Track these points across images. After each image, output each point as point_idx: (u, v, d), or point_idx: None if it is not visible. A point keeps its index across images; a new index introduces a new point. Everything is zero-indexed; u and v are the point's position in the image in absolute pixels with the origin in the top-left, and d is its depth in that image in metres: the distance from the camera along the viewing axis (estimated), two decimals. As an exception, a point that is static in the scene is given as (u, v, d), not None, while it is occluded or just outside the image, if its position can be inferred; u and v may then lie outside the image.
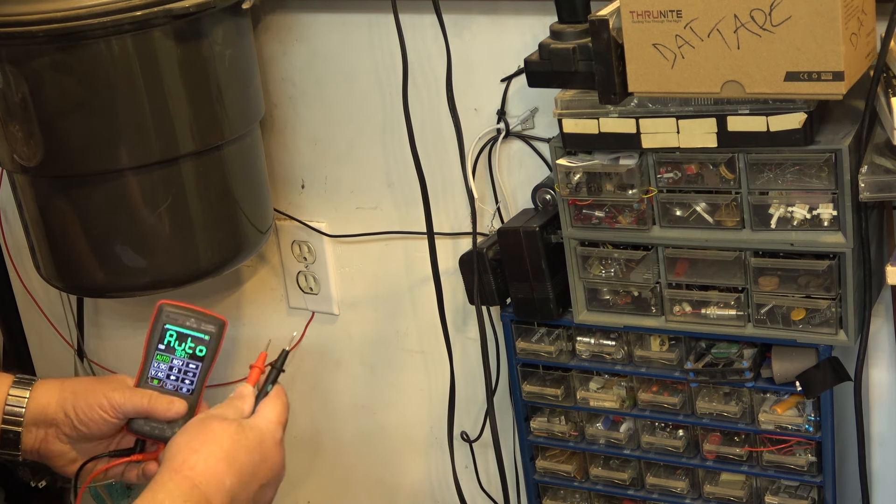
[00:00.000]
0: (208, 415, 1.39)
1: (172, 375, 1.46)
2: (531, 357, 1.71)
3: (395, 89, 1.75)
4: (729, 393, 1.60)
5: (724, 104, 1.41)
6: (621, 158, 1.51)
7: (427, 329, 1.96)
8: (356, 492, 2.17)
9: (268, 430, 1.36)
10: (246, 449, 1.33)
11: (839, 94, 1.30)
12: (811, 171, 1.42)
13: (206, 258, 1.75)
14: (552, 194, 1.65)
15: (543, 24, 1.56)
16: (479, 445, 1.94)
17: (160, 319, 1.47)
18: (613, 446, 1.71)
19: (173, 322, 1.47)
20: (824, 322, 1.48)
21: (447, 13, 1.67)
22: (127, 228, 1.69)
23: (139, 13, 1.56)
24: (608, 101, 1.43)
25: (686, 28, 1.34)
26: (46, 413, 1.42)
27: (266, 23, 1.88)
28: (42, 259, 1.78)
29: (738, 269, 1.51)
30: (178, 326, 1.47)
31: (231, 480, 1.29)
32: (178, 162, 1.68)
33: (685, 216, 1.51)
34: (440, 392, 1.99)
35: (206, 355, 1.47)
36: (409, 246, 1.92)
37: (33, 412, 1.43)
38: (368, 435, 2.11)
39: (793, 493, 1.61)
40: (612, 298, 1.61)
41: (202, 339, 1.47)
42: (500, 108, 1.74)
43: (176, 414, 1.43)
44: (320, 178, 1.96)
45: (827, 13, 1.26)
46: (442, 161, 1.81)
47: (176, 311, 1.47)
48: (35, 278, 1.90)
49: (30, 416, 1.42)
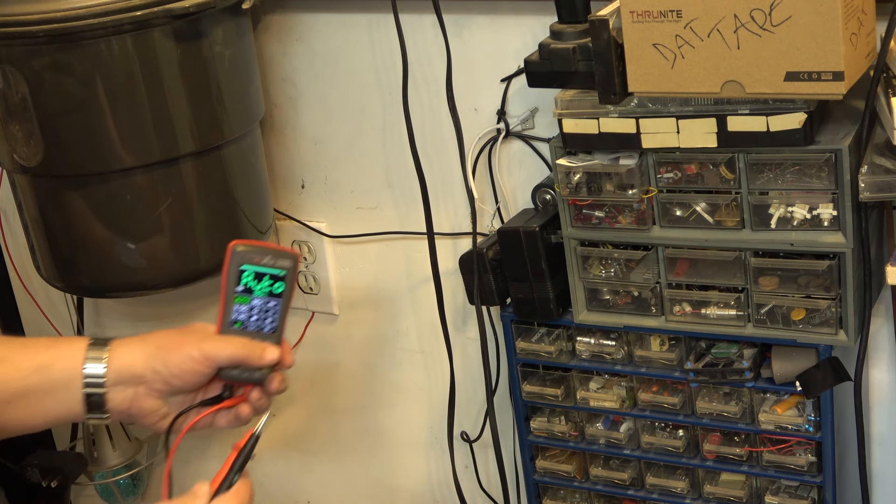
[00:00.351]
0: None
1: (254, 316, 1.44)
2: (531, 357, 1.71)
3: (395, 89, 1.75)
4: (729, 393, 1.60)
5: (724, 104, 1.41)
6: (621, 158, 1.51)
7: (427, 329, 1.96)
8: (356, 492, 2.17)
9: None
10: None
11: (839, 94, 1.30)
12: (811, 171, 1.42)
13: (206, 258, 1.75)
14: (552, 194, 1.65)
15: (543, 24, 1.56)
16: (479, 445, 1.94)
17: (234, 261, 1.43)
18: (613, 446, 1.71)
19: (249, 262, 1.43)
20: (824, 322, 1.48)
21: (447, 13, 1.67)
22: (127, 228, 1.69)
23: (139, 13, 1.56)
24: (608, 101, 1.43)
25: (686, 28, 1.34)
26: (133, 371, 1.38)
27: (266, 23, 1.88)
28: (42, 259, 1.78)
29: (738, 269, 1.51)
30: (253, 266, 1.44)
31: None
32: (178, 162, 1.67)
33: (685, 216, 1.51)
34: (440, 392, 1.99)
35: (284, 291, 1.44)
36: (409, 246, 1.92)
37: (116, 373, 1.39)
38: (368, 435, 2.11)
39: (793, 493, 1.61)
40: (612, 298, 1.61)
41: (279, 275, 1.44)
42: (500, 108, 1.74)
43: (270, 360, 1.40)
44: (320, 178, 1.96)
45: (827, 13, 1.26)
46: (442, 161, 1.81)
47: (249, 251, 1.43)
48: (35, 278, 1.90)
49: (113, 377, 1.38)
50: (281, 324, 1.44)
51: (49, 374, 1.32)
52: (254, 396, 1.41)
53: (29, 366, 1.26)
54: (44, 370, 1.31)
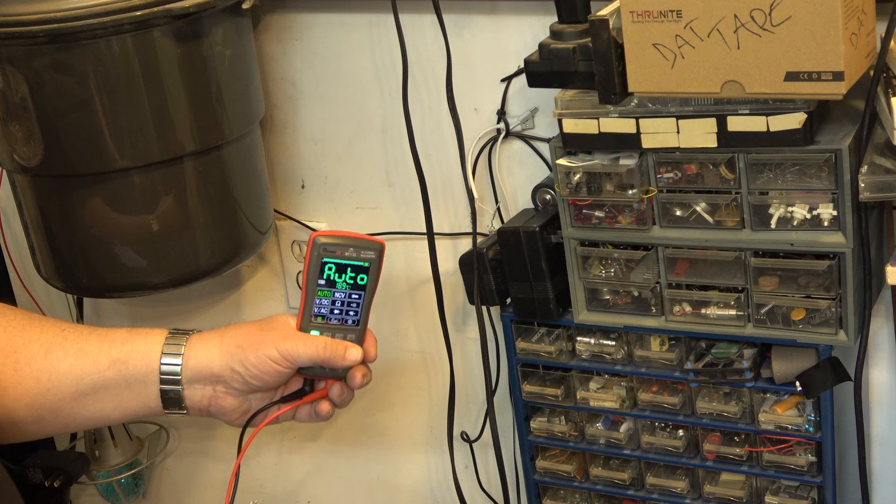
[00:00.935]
0: None
1: (336, 309, 1.41)
2: (531, 357, 1.71)
3: (395, 89, 1.75)
4: (729, 393, 1.60)
5: (724, 104, 1.41)
6: (621, 158, 1.51)
7: (427, 329, 1.95)
8: (356, 492, 2.17)
9: None
10: None
11: (839, 94, 1.30)
12: (811, 171, 1.42)
13: (206, 258, 1.75)
14: (552, 194, 1.65)
15: (543, 24, 1.56)
16: (479, 445, 1.94)
17: (316, 254, 1.40)
18: (613, 446, 1.71)
19: (331, 255, 1.40)
20: (824, 322, 1.48)
21: (447, 13, 1.67)
22: (127, 228, 1.69)
23: (139, 13, 1.55)
24: (608, 101, 1.43)
25: (686, 28, 1.34)
26: (211, 370, 1.36)
27: (266, 23, 1.88)
28: (42, 259, 1.78)
29: (738, 269, 1.51)
30: (336, 258, 1.41)
31: None
32: (178, 162, 1.67)
33: (685, 216, 1.51)
34: (440, 392, 1.99)
35: (367, 283, 1.41)
36: (409, 246, 1.92)
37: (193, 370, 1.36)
38: (368, 435, 2.11)
39: (793, 493, 1.61)
40: (612, 298, 1.61)
41: (363, 266, 1.41)
42: (500, 108, 1.74)
43: (353, 361, 1.38)
44: (320, 178, 1.96)
45: (827, 13, 1.26)
46: (442, 161, 1.81)
47: (332, 243, 1.40)
48: (35, 278, 1.90)
49: (190, 375, 1.36)
50: (364, 317, 1.41)
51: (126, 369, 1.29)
52: (335, 391, 1.38)
53: (105, 360, 1.24)
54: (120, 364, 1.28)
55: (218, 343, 1.36)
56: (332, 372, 1.38)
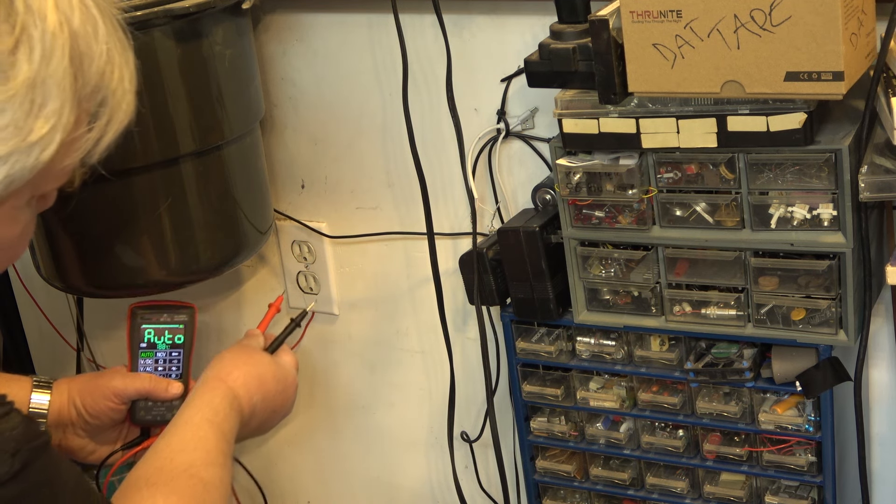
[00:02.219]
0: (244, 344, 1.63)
1: (160, 367, 1.64)
2: (531, 357, 1.71)
3: (395, 89, 1.75)
4: (729, 393, 1.60)
5: (724, 104, 1.41)
6: (621, 158, 1.51)
7: (427, 329, 1.96)
8: (356, 492, 2.17)
9: (290, 371, 1.62)
10: (274, 378, 1.58)
11: (839, 94, 1.30)
12: (811, 171, 1.42)
13: (206, 258, 1.75)
14: (552, 194, 1.65)
15: (543, 24, 1.56)
16: (479, 445, 1.95)
17: (136, 322, 1.65)
18: (613, 446, 1.71)
19: (148, 321, 1.65)
20: (824, 322, 1.48)
21: (447, 13, 1.67)
22: (127, 228, 1.69)
23: (139, 13, 1.55)
24: (608, 101, 1.43)
25: (686, 28, 1.34)
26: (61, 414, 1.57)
27: (266, 23, 1.88)
28: (42, 259, 1.78)
29: (738, 269, 1.51)
30: (153, 324, 1.65)
31: (258, 398, 1.54)
32: (178, 162, 1.67)
33: (685, 216, 1.51)
34: (440, 392, 1.99)
35: (185, 341, 1.65)
36: (409, 246, 1.92)
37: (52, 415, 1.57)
38: (368, 435, 2.11)
39: (793, 493, 1.61)
40: (612, 298, 1.61)
41: (178, 328, 1.65)
42: (500, 108, 1.74)
43: (174, 395, 1.60)
44: (320, 178, 1.96)
45: (827, 13, 1.26)
46: (442, 161, 1.81)
47: (148, 312, 1.66)
48: (35, 278, 1.90)
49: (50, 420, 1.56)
50: (185, 370, 1.65)
51: None
52: None
53: None
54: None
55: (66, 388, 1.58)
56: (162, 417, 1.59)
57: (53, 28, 1.05)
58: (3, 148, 1.04)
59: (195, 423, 1.46)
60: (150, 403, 1.61)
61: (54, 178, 1.16)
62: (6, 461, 1.06)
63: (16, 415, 1.10)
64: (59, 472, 1.14)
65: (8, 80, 1.03)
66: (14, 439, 1.08)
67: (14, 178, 1.06)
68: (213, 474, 1.41)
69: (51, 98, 1.06)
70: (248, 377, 1.54)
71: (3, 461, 1.06)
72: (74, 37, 1.08)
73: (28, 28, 1.04)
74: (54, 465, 1.13)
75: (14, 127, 1.04)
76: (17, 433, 1.09)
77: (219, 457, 1.44)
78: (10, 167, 1.05)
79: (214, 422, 1.47)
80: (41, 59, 1.04)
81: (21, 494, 1.08)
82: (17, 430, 1.09)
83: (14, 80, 1.03)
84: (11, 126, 1.04)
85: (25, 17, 1.03)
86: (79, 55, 1.08)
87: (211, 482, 1.40)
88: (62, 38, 1.06)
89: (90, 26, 1.09)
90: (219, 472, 1.43)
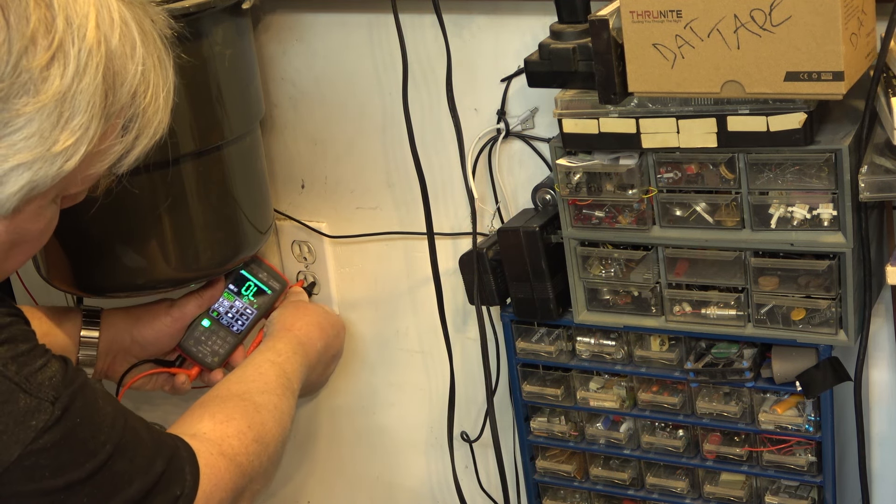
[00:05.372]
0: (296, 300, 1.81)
1: (230, 313, 1.74)
2: (531, 357, 1.71)
3: (395, 89, 1.75)
4: (729, 393, 1.60)
5: (724, 104, 1.41)
6: (621, 158, 1.51)
7: (427, 329, 1.96)
8: (356, 492, 2.17)
9: (338, 317, 1.86)
10: (331, 325, 1.78)
11: (839, 94, 1.30)
12: (811, 171, 1.42)
13: (206, 258, 1.75)
14: (552, 194, 1.65)
15: (543, 24, 1.56)
16: (479, 445, 1.94)
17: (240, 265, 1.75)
18: (613, 446, 1.71)
19: (249, 270, 1.76)
20: (824, 322, 1.48)
21: (447, 13, 1.67)
22: (127, 228, 1.69)
23: (139, 13, 1.55)
24: (608, 101, 1.43)
25: (686, 28, 1.34)
26: (113, 343, 1.72)
27: (266, 23, 1.88)
28: (42, 259, 1.78)
29: (738, 269, 1.51)
30: (251, 274, 1.76)
31: (321, 344, 1.73)
32: (178, 162, 1.67)
33: (685, 216, 1.51)
34: (440, 392, 1.99)
35: (263, 305, 1.75)
36: (409, 246, 1.92)
37: (103, 345, 1.72)
38: (368, 435, 2.11)
39: (793, 493, 1.61)
40: (612, 298, 1.61)
41: (266, 291, 1.76)
42: (500, 108, 1.74)
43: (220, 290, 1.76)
44: (320, 178, 1.96)
45: (827, 13, 1.26)
46: (442, 161, 1.81)
47: (255, 264, 1.77)
48: (35, 278, 1.90)
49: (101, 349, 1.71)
50: (247, 330, 1.74)
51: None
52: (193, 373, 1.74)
53: None
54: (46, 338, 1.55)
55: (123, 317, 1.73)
56: (203, 357, 1.72)
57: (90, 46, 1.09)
58: (29, 155, 1.09)
59: (257, 362, 1.60)
60: (203, 337, 1.73)
61: (81, 183, 1.21)
62: (47, 409, 1.17)
63: (53, 362, 1.21)
64: (97, 408, 1.24)
65: (39, 93, 1.07)
66: (53, 388, 1.18)
67: (37, 184, 1.12)
68: (268, 400, 1.53)
69: (79, 112, 1.11)
70: (310, 326, 1.72)
71: (45, 409, 1.17)
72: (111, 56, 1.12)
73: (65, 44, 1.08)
74: (91, 402, 1.24)
75: (39, 136, 1.09)
76: (56, 381, 1.19)
77: (277, 388, 1.55)
78: (34, 174, 1.10)
79: (276, 362, 1.60)
80: (74, 75, 1.09)
81: (64, 436, 1.18)
82: (55, 378, 1.19)
83: (45, 93, 1.08)
84: (37, 136, 1.08)
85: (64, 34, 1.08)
86: (112, 74, 1.13)
87: (264, 405, 1.51)
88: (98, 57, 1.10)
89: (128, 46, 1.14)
90: (274, 399, 1.54)
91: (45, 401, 1.17)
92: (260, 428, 1.47)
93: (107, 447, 1.22)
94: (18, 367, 1.17)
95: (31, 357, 1.19)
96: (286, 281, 1.77)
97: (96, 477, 1.21)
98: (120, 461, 1.23)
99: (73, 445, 1.19)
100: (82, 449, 1.20)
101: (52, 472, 1.17)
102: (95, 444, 1.22)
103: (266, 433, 1.48)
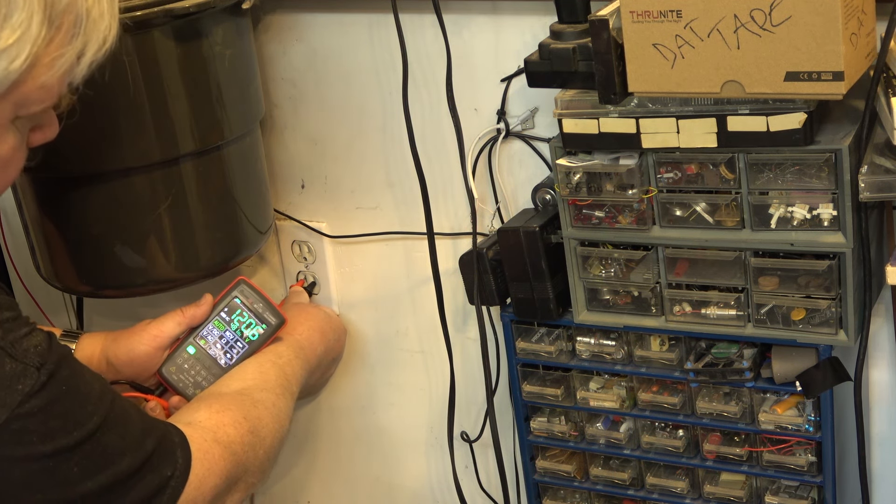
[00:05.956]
0: (296, 303, 1.81)
1: (219, 344, 1.61)
2: (531, 357, 1.71)
3: (395, 89, 1.75)
4: (729, 393, 1.60)
5: (724, 104, 1.41)
6: (621, 158, 1.51)
7: (427, 329, 1.96)
8: (356, 492, 2.17)
9: (339, 320, 1.87)
10: (332, 329, 1.79)
11: (839, 94, 1.30)
12: (811, 171, 1.42)
13: (206, 258, 1.75)
14: (552, 194, 1.65)
15: (543, 24, 1.56)
16: (479, 445, 1.95)
17: (233, 291, 1.64)
18: (613, 446, 1.71)
19: (244, 298, 1.63)
20: (824, 322, 1.48)
21: (447, 13, 1.67)
22: (127, 228, 1.69)
23: (139, 13, 1.55)
24: (608, 101, 1.43)
25: (686, 28, 1.34)
26: (91, 363, 1.60)
27: (266, 23, 1.88)
28: (42, 259, 1.78)
29: (738, 269, 1.51)
30: (244, 303, 1.63)
31: (321, 349, 1.74)
32: (178, 162, 1.67)
33: (685, 216, 1.51)
34: (440, 392, 1.99)
35: (255, 340, 1.62)
36: (409, 246, 1.92)
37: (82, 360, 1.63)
38: (368, 435, 2.11)
39: (793, 493, 1.61)
40: (612, 298, 1.61)
41: (259, 325, 1.62)
42: (500, 108, 1.74)
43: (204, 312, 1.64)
44: (320, 178, 1.96)
45: (827, 13, 1.26)
46: (442, 161, 1.81)
47: (250, 291, 1.63)
48: (35, 278, 1.90)
49: None
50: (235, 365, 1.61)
51: None
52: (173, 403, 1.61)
53: None
54: None
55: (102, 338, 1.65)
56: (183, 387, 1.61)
57: None
58: None
59: (258, 362, 1.59)
60: (185, 366, 1.61)
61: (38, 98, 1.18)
62: (33, 374, 1.18)
63: (38, 332, 1.21)
64: (84, 380, 1.25)
65: None
66: (39, 354, 1.19)
67: None
68: (266, 397, 1.52)
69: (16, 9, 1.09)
70: (311, 331, 1.72)
71: (30, 375, 1.17)
72: None
73: None
74: (78, 373, 1.24)
75: None
76: (42, 349, 1.20)
77: (276, 388, 1.55)
78: None
79: (277, 363, 1.60)
80: None
81: (50, 402, 1.19)
82: (41, 347, 1.20)
83: None
84: None
85: None
86: None
87: (262, 402, 1.51)
88: None
89: None
90: (272, 397, 1.53)
91: (31, 366, 1.18)
92: (256, 421, 1.47)
93: (94, 418, 1.23)
94: (3, 332, 1.18)
95: (17, 324, 1.20)
96: (283, 316, 1.64)
97: (85, 446, 1.21)
98: (109, 434, 1.24)
99: (60, 412, 1.20)
100: (70, 416, 1.20)
101: (39, 438, 1.18)
102: (83, 414, 1.22)
103: (262, 427, 1.47)
